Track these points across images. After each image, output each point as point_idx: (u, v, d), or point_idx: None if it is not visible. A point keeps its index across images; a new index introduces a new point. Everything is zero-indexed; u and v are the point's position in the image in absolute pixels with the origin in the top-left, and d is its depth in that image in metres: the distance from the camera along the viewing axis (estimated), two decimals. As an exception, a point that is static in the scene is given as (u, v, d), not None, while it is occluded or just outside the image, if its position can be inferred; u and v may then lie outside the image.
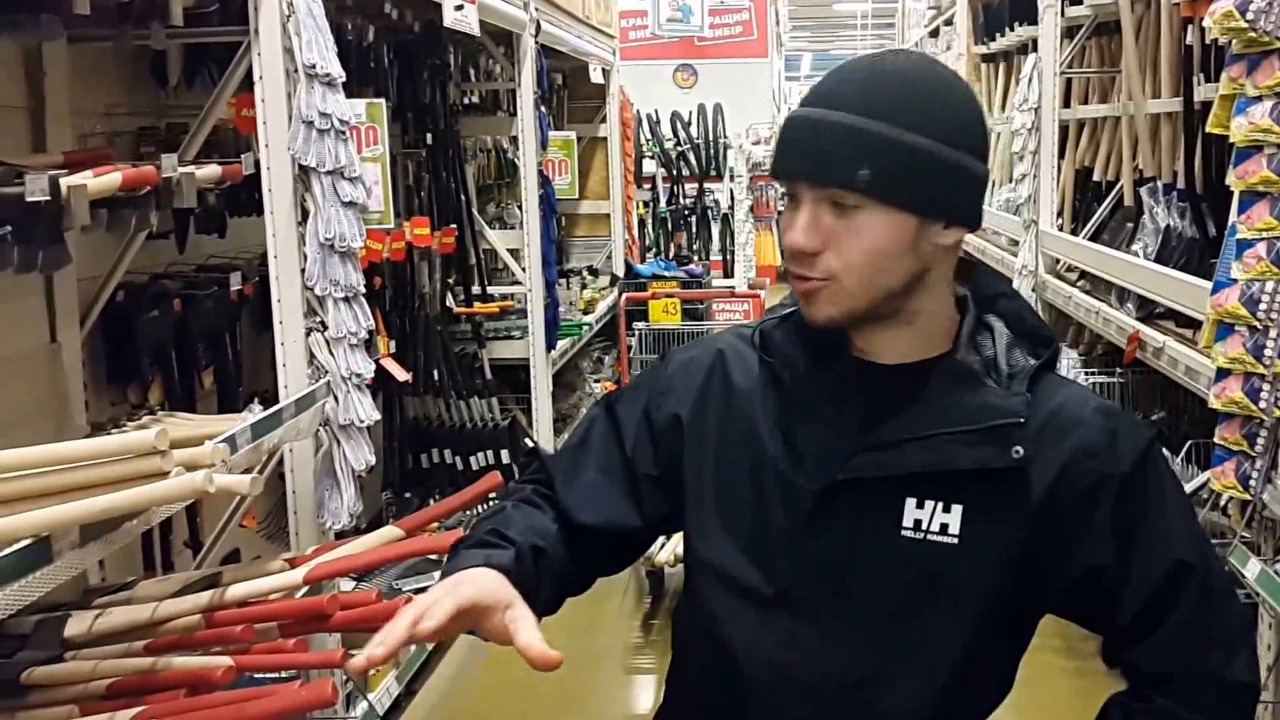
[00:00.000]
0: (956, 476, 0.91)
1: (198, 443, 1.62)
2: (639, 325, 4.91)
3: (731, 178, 8.03)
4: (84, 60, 2.27)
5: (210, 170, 1.99)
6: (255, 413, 1.91)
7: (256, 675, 1.89)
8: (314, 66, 2.16)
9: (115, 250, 2.27)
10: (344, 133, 2.23)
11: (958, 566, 0.91)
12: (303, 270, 2.20)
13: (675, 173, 7.00)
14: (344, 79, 2.23)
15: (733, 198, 7.94)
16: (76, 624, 1.73)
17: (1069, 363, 3.53)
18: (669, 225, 7.07)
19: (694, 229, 7.49)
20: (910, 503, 0.91)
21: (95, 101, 2.34)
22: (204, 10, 2.16)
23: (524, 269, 4.22)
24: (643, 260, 6.41)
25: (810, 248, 0.89)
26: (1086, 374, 3.39)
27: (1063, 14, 3.87)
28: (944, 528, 0.91)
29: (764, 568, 0.95)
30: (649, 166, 7.02)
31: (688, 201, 7.97)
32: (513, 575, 0.93)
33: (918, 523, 0.91)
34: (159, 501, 1.47)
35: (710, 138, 7.84)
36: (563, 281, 4.85)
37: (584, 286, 5.43)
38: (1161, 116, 3.23)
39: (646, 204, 6.87)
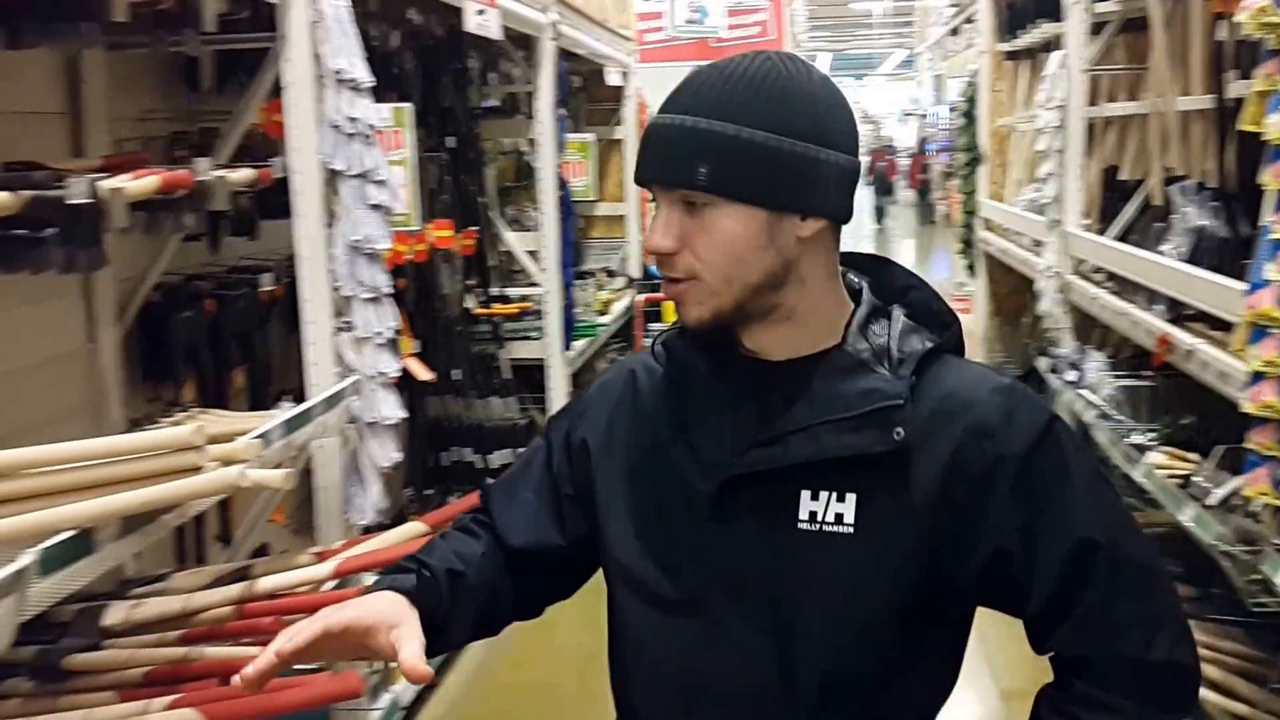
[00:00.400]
0: (849, 466, 0.90)
1: (231, 439, 1.67)
2: (655, 326, 4.95)
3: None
4: (120, 67, 2.33)
5: (243, 174, 2.04)
6: (286, 410, 1.96)
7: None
8: (341, 72, 2.21)
9: (151, 252, 2.33)
10: (371, 137, 2.28)
11: (856, 555, 0.90)
12: (331, 271, 2.25)
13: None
14: (371, 84, 2.28)
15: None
16: (114, 614, 1.78)
17: (1095, 366, 3.48)
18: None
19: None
20: (805, 495, 0.91)
21: (131, 107, 2.40)
22: (235, 17, 2.22)
23: (542, 270, 4.27)
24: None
25: (668, 248, 0.91)
26: (1113, 377, 3.34)
27: (1089, 10, 3.81)
28: (839, 517, 0.90)
29: (671, 574, 0.96)
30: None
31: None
32: (416, 598, 0.96)
33: (813, 515, 0.91)
34: (196, 495, 1.52)
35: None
36: (579, 283, 4.89)
37: (600, 288, 5.47)
38: (1192, 114, 3.11)
39: (663, 206, 6.90)
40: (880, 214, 17.11)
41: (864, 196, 17.61)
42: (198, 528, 2.42)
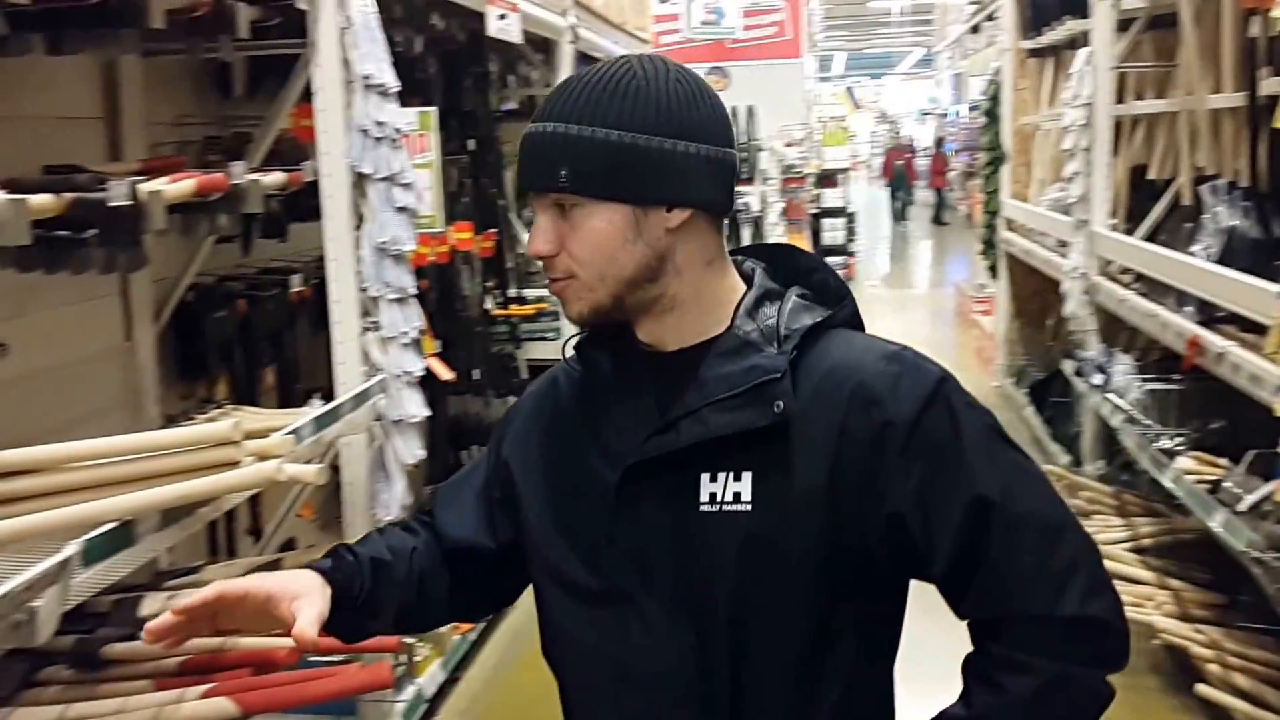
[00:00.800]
0: (743, 444, 0.92)
1: (265, 435, 1.72)
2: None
3: (763, 181, 8.05)
4: (155, 73, 2.39)
5: (275, 177, 2.09)
6: (316, 408, 2.01)
7: (312, 658, 1.98)
8: (370, 77, 2.25)
9: (185, 253, 2.39)
10: (397, 140, 2.33)
11: (757, 531, 0.92)
12: (358, 273, 2.30)
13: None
14: (398, 89, 2.32)
15: (764, 201, 7.96)
16: (150, 604, 1.84)
17: (1122, 369, 3.44)
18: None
19: (725, 231, 7.52)
20: (705, 478, 0.93)
21: (166, 112, 2.46)
22: (266, 24, 2.26)
23: (560, 271, 4.29)
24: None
25: (544, 251, 0.95)
26: (1141, 380, 3.28)
27: (1116, 6, 3.76)
28: (737, 496, 0.92)
29: (590, 566, 0.98)
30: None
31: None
32: (331, 577, 1.00)
33: (713, 496, 0.93)
34: (235, 489, 1.57)
35: (742, 141, 7.86)
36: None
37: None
38: (1223, 112, 3.09)
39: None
40: (901, 214, 16.33)
41: (882, 197, 17.46)
42: (229, 522, 2.48)
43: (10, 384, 2.01)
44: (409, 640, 2.39)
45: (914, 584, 0.99)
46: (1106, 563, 0.96)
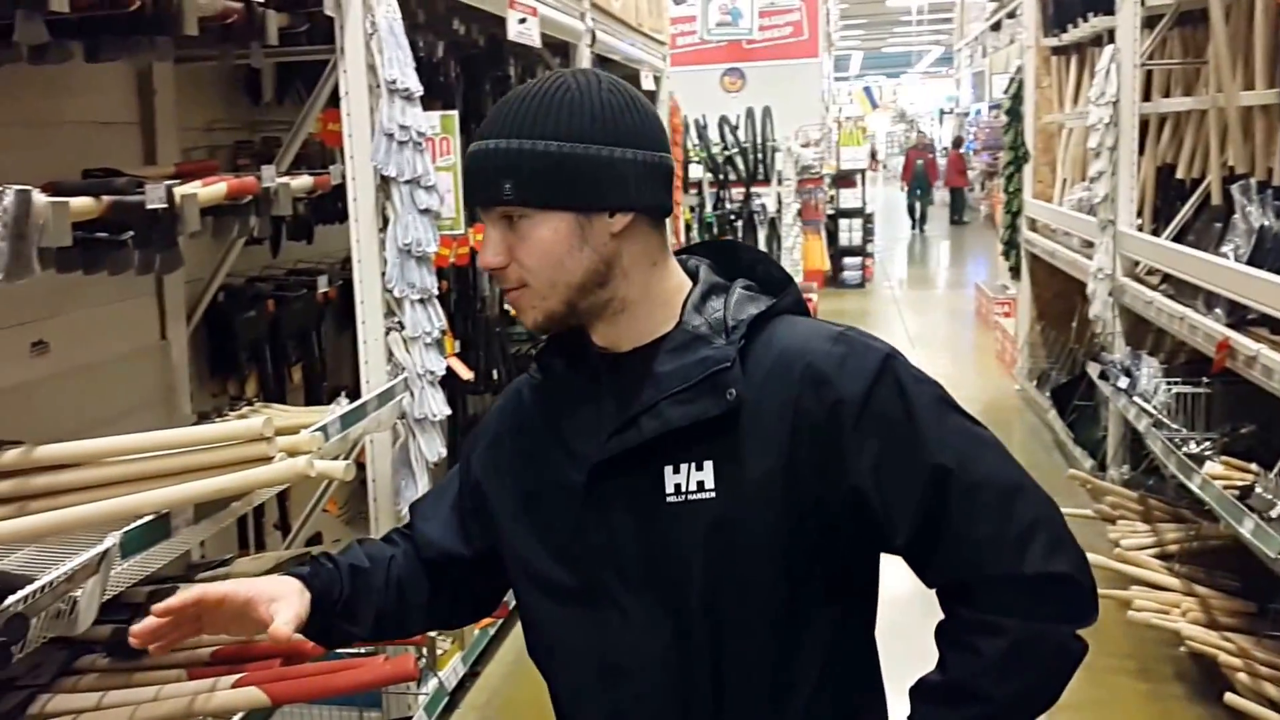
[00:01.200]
0: (701, 434, 0.95)
1: (295, 432, 1.76)
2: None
3: (779, 181, 8.04)
4: (187, 79, 2.45)
5: (304, 180, 2.13)
6: (342, 405, 2.05)
7: (339, 650, 2.03)
8: (395, 82, 2.30)
9: (216, 255, 2.45)
10: (421, 144, 2.37)
11: (722, 518, 0.95)
12: (383, 274, 2.35)
13: (722, 178, 7.02)
14: (421, 93, 2.37)
15: (780, 202, 7.95)
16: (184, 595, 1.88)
17: (1148, 372, 3.40)
18: (715, 230, 7.10)
19: (740, 234, 7.50)
20: (668, 470, 0.96)
21: (198, 117, 2.52)
22: (294, 30, 2.31)
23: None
24: (689, 265, 6.47)
25: (496, 263, 0.98)
26: (1168, 384, 3.25)
27: (1143, 3, 3.72)
28: (700, 485, 0.95)
29: (567, 566, 1.01)
30: (695, 172, 7.02)
31: (734, 206, 7.97)
32: (309, 583, 1.06)
33: (678, 487, 0.96)
34: (266, 484, 1.61)
35: (758, 141, 7.84)
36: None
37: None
38: (1255, 109, 3.07)
39: (693, 209, 6.92)
40: (921, 218, 15.53)
41: (900, 197, 17.24)
42: (257, 516, 2.54)
43: (49, 381, 2.07)
44: (433, 634, 2.43)
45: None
46: (1131, 569, 0.97)
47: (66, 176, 1.78)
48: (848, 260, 10.09)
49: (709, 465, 0.96)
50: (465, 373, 3.18)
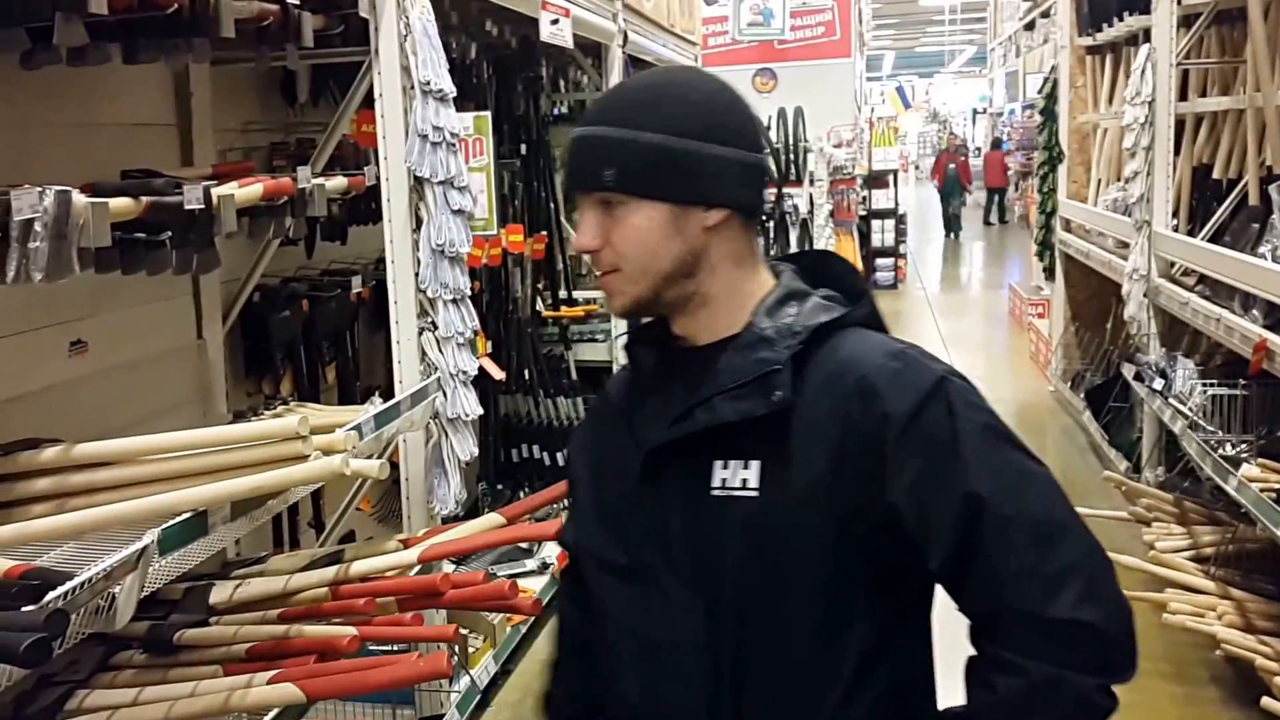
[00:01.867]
0: (752, 433, 0.97)
1: (330, 431, 1.77)
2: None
3: (811, 182, 7.99)
4: (223, 81, 2.47)
5: (339, 181, 2.15)
6: (376, 405, 2.06)
7: (371, 645, 2.04)
8: (428, 83, 2.31)
9: (252, 255, 2.47)
10: (454, 145, 2.38)
11: (762, 516, 0.97)
12: (416, 274, 2.35)
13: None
14: (455, 94, 2.37)
15: (811, 202, 7.90)
16: (219, 592, 1.90)
17: (1184, 373, 3.37)
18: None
19: (772, 234, 7.48)
20: (717, 465, 0.99)
21: (234, 119, 2.55)
22: (329, 32, 2.33)
23: (609, 274, 4.32)
24: (720, 266, 6.47)
25: (591, 246, 1.01)
26: (1204, 385, 3.21)
27: (1179, 2, 3.67)
28: (744, 482, 0.98)
29: (621, 544, 1.05)
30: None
31: (766, 207, 7.92)
32: None
33: (723, 481, 0.98)
34: (303, 482, 1.62)
35: (790, 142, 7.81)
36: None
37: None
38: None
39: (726, 208, 6.90)
40: (954, 225, 14.69)
41: (931, 199, 17.06)
42: (292, 514, 2.56)
43: (88, 380, 2.10)
44: (465, 630, 2.44)
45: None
46: (1167, 571, 0.96)
47: (105, 177, 1.81)
48: (880, 261, 10.03)
49: (755, 465, 0.98)
50: (497, 373, 3.19)
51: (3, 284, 1.38)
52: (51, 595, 1.25)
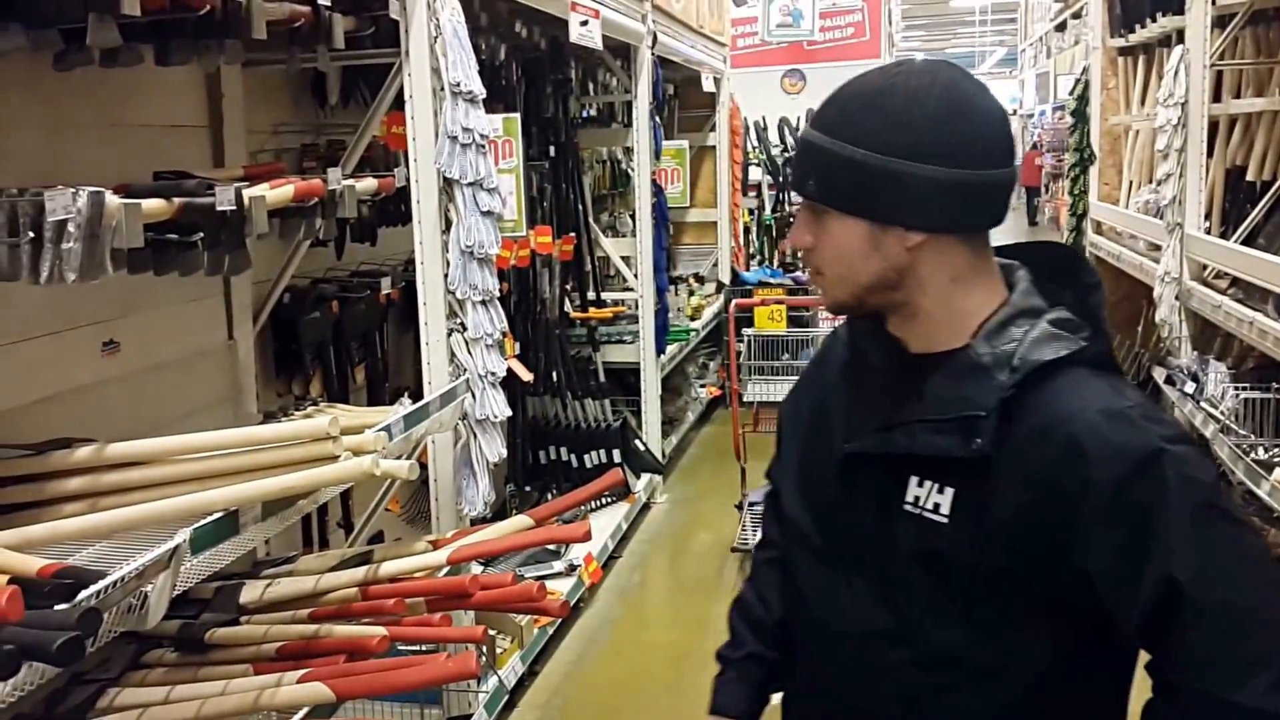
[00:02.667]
0: (948, 461, 0.95)
1: (359, 431, 1.77)
2: (747, 331, 4.95)
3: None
4: (254, 83, 2.48)
5: (369, 183, 2.15)
6: (405, 406, 2.06)
7: (399, 645, 2.03)
8: (459, 85, 2.30)
9: (282, 256, 2.48)
10: (484, 146, 2.38)
11: (947, 544, 0.96)
12: (445, 275, 2.35)
13: (781, 180, 6.97)
14: (484, 95, 2.37)
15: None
16: (249, 592, 1.90)
17: (1216, 377, 3.33)
18: (774, 232, 7.05)
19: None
20: (914, 480, 0.98)
21: (265, 120, 2.56)
22: (360, 34, 2.33)
23: (636, 275, 4.33)
24: (747, 267, 6.45)
25: (800, 244, 1.02)
26: (1236, 389, 3.19)
27: (1213, 2, 3.64)
28: (936, 507, 0.97)
29: (819, 525, 1.08)
30: (754, 174, 6.99)
31: (793, 209, 7.92)
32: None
33: (917, 499, 0.98)
34: (333, 482, 1.62)
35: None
36: (671, 288, 4.95)
37: (691, 293, 5.51)
38: None
39: (751, 211, 6.87)
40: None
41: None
42: (321, 514, 2.57)
43: (120, 380, 2.11)
44: (492, 631, 2.43)
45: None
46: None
47: (137, 179, 1.82)
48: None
49: (949, 492, 0.97)
50: (525, 374, 3.19)
51: (36, 284, 1.38)
52: (84, 594, 1.25)
